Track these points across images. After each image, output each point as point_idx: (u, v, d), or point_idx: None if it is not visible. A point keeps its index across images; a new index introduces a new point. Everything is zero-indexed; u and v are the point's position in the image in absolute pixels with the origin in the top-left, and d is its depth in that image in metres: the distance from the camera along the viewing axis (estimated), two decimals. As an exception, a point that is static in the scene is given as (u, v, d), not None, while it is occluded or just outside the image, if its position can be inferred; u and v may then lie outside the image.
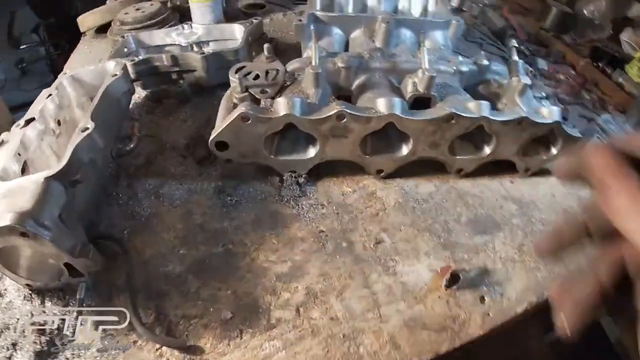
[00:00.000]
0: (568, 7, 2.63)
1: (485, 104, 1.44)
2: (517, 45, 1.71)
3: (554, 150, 1.57)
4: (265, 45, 1.49)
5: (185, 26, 1.80)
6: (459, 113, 1.40)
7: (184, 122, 1.76)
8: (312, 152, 1.46)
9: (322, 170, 1.57)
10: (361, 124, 1.36)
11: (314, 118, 1.33)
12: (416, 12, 1.86)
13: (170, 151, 1.65)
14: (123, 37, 1.77)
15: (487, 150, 1.55)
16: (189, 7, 2.01)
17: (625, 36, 2.24)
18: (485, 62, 1.65)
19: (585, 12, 2.50)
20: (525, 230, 1.37)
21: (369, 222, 1.45)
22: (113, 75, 1.47)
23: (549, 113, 1.49)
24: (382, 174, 1.56)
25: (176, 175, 1.56)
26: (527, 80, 1.56)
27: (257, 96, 1.40)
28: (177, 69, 1.69)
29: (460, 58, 1.64)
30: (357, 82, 1.54)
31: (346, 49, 1.71)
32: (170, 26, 1.84)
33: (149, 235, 1.29)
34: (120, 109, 1.55)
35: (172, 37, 1.81)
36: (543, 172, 1.58)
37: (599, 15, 2.27)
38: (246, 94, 1.40)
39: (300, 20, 1.58)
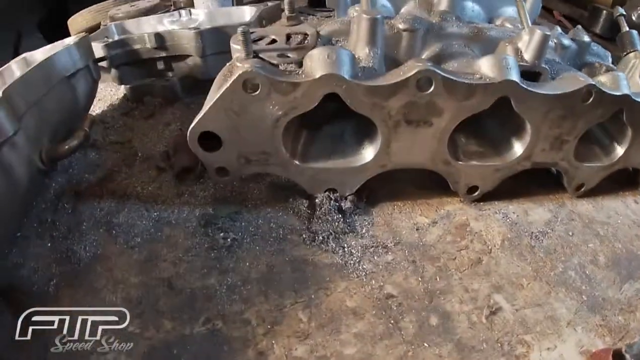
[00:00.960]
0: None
1: (623, 76, 0.92)
2: (624, 13, 1.17)
3: None
4: (287, 1, 0.97)
5: (183, 12, 1.34)
6: (600, 87, 0.87)
7: (167, 125, 1.22)
8: (368, 153, 0.86)
9: (378, 190, 0.97)
10: (458, 98, 0.79)
11: (377, 84, 0.75)
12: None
13: (141, 163, 1.10)
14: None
15: (620, 151, 1.04)
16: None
17: None
18: (586, 38, 1.12)
19: (633, 17, 2.23)
20: None
21: (469, 274, 0.86)
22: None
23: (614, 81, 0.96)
24: (475, 194, 0.94)
25: (143, 197, 0.99)
26: None
27: (272, 62, 0.84)
28: (164, 54, 1.17)
29: (559, 29, 1.11)
30: (426, 54, 0.99)
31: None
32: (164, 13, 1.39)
33: (84, 293, 0.79)
34: (68, 96, 1.00)
35: (165, 24, 1.34)
36: None
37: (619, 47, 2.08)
38: (254, 59, 0.85)
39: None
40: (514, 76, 0.80)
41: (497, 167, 0.92)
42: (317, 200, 0.91)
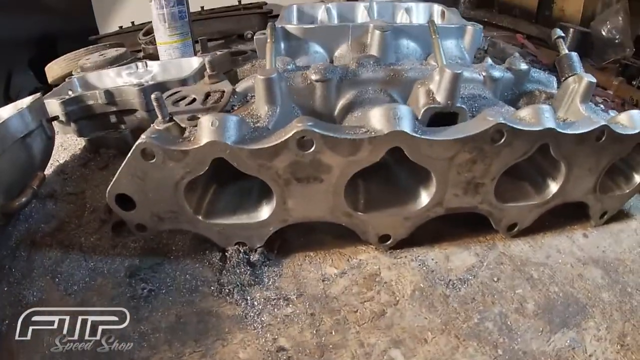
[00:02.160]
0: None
1: (546, 108, 0.85)
2: (562, 35, 1.10)
3: (637, 178, 1.03)
4: (207, 59, 1.02)
5: (140, 64, 1.43)
6: (512, 125, 0.82)
7: (118, 178, 1.29)
8: (265, 210, 0.89)
9: (293, 240, 0.97)
10: (343, 154, 0.79)
11: (259, 147, 0.77)
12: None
13: (89, 214, 1.18)
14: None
15: (554, 187, 0.98)
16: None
17: None
18: (524, 65, 1.07)
19: (603, 32, 2.12)
20: (622, 309, 0.89)
21: (368, 328, 0.84)
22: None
23: (630, 120, 0.94)
24: (388, 243, 0.93)
25: (84, 248, 1.06)
26: (591, 77, 1.02)
27: (182, 125, 0.89)
28: (114, 109, 1.26)
29: (490, 61, 1.07)
30: (341, 103, 0.99)
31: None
32: (122, 65, 1.49)
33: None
34: (22, 156, 1.11)
35: (122, 77, 1.45)
36: (620, 215, 1.12)
37: (618, 34, 2.06)
38: (170, 124, 0.90)
39: (264, 34, 1.11)
40: (405, 126, 0.79)
41: (406, 216, 0.90)
42: (227, 254, 0.94)
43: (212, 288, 0.91)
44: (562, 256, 0.99)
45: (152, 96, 0.91)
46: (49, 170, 1.36)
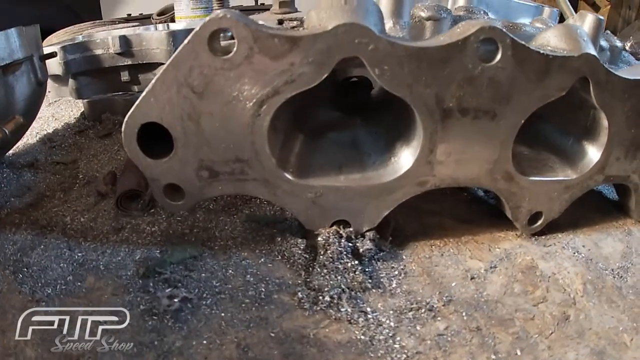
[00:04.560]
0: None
1: None
2: None
3: None
4: None
5: (160, 25, 0.97)
6: None
7: (123, 147, 0.76)
8: (402, 161, 0.44)
9: (404, 226, 0.55)
10: (529, 76, 0.41)
11: (424, 46, 0.37)
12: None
13: (81, 188, 0.66)
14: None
15: None
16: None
17: None
18: (619, 43, 0.83)
19: (626, 47, 1.96)
20: None
21: (559, 340, 0.43)
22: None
23: None
24: (537, 224, 0.54)
25: (70, 230, 0.56)
26: None
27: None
28: (129, 62, 0.77)
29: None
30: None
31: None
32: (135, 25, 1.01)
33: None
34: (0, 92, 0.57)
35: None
36: None
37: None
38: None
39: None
40: (593, 51, 0.46)
41: (568, 184, 0.53)
42: (320, 240, 0.46)
43: (300, 295, 0.42)
44: None
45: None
46: (33, 139, 0.81)
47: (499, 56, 0.40)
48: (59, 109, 0.96)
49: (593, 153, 0.54)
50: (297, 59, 0.37)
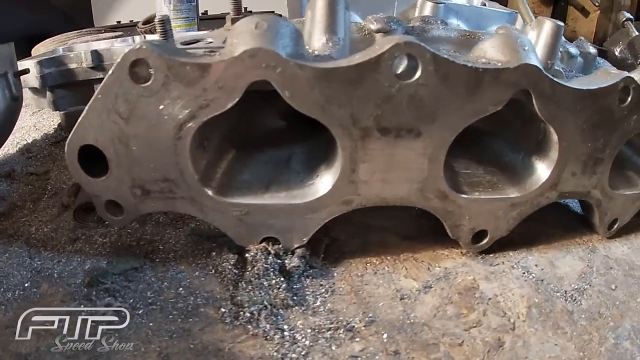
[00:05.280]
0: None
1: None
2: (631, 17, 0.88)
3: None
4: (233, 0, 0.65)
5: (138, 37, 1.03)
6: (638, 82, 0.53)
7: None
8: (324, 182, 0.47)
9: (345, 241, 0.56)
10: (459, 91, 0.42)
11: (332, 67, 0.39)
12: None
13: (49, 198, 0.71)
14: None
15: None
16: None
17: None
18: (592, 49, 0.81)
19: (616, 52, 1.91)
20: None
21: None
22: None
23: None
24: (482, 243, 0.54)
25: (33, 240, 0.61)
26: None
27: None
28: (101, 75, 0.83)
29: (562, 37, 0.81)
30: (406, 64, 0.64)
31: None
32: (116, 38, 1.08)
33: None
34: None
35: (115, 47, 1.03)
36: None
37: (630, 55, 1.75)
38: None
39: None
40: (535, 61, 0.45)
41: (514, 202, 0.53)
42: (248, 256, 0.49)
43: (223, 310, 0.45)
44: None
45: (156, 18, 0.52)
46: (13, 149, 0.88)
47: (418, 73, 0.41)
48: (41, 119, 1.05)
49: (542, 169, 0.53)
50: (208, 84, 0.40)
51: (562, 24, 0.59)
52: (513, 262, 0.57)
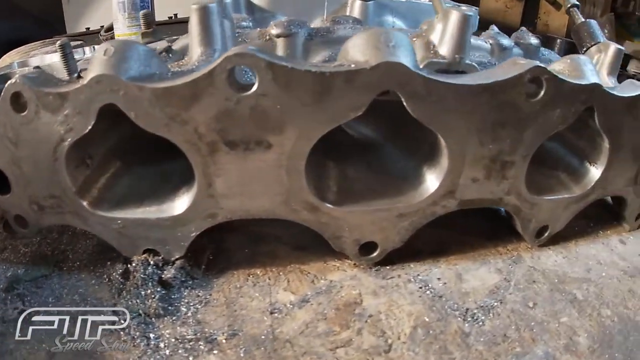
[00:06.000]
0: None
1: (587, 60, 0.55)
2: (577, 4, 0.79)
3: None
4: (141, 12, 0.72)
5: (87, 49, 1.12)
6: (554, 72, 0.48)
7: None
8: (182, 200, 0.50)
9: (233, 252, 0.58)
10: (304, 100, 0.42)
11: (168, 85, 0.42)
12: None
13: None
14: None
15: (595, 173, 0.60)
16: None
17: (633, 66, 1.85)
18: (534, 39, 0.74)
19: None
20: None
21: None
22: None
23: None
24: (373, 255, 0.53)
25: None
26: (617, 45, 0.69)
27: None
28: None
29: (496, 29, 0.75)
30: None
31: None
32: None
33: None
34: None
35: None
36: None
37: (576, 43, 1.65)
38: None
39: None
40: (402, 57, 0.42)
41: (401, 212, 0.51)
42: (130, 267, 0.53)
43: (103, 317, 0.52)
44: (604, 268, 0.61)
45: (58, 42, 0.59)
46: None
47: (256, 83, 0.42)
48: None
49: (432, 177, 0.50)
50: (69, 110, 0.45)
51: (471, 13, 0.55)
52: (412, 275, 0.55)
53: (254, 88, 0.42)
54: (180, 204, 0.49)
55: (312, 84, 0.42)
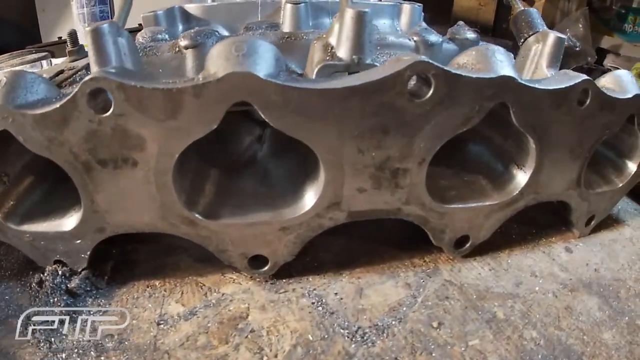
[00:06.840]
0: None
1: (498, 49, 0.51)
2: None
3: (631, 166, 0.61)
4: (68, 32, 0.77)
5: (45, 62, 1.21)
6: (442, 67, 0.45)
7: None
8: (73, 215, 0.54)
9: (140, 263, 0.62)
10: (158, 117, 0.44)
11: (43, 112, 0.45)
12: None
13: None
14: None
15: (522, 178, 0.56)
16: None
17: (609, 61, 1.83)
18: (470, 34, 0.69)
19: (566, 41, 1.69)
20: (635, 355, 0.47)
21: None
22: None
23: (617, 82, 0.54)
24: (264, 269, 0.54)
25: None
26: (558, 33, 0.64)
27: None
28: None
29: (424, 25, 0.70)
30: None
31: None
32: (26, 63, 1.27)
33: None
34: None
35: None
36: (608, 221, 0.69)
37: (579, 42, 1.70)
38: None
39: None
40: (252, 66, 0.42)
41: (284, 226, 0.51)
42: (42, 276, 0.59)
43: (20, 322, 0.57)
44: (539, 282, 0.56)
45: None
46: None
47: (113, 104, 0.45)
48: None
49: (311, 188, 0.50)
50: None
51: (366, 10, 0.53)
52: (308, 289, 0.54)
53: (111, 109, 0.44)
54: (73, 219, 0.53)
55: (163, 101, 0.44)
